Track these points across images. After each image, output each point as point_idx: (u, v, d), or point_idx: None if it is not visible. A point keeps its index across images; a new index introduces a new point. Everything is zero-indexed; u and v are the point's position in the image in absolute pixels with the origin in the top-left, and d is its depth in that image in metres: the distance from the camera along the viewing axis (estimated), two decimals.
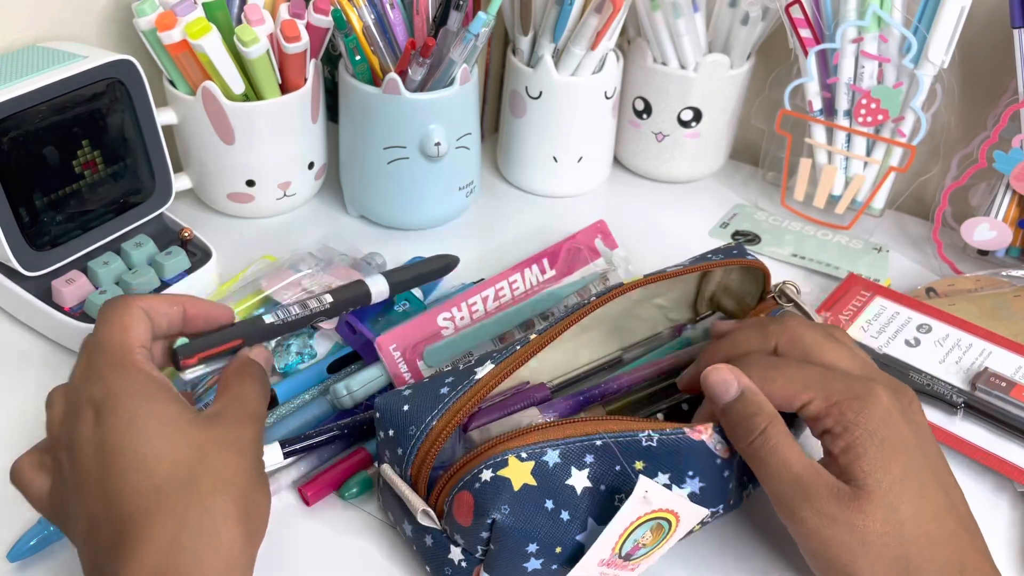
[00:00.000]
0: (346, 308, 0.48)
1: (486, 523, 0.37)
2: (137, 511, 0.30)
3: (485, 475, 0.37)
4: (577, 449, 0.38)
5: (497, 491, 0.37)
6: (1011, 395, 0.51)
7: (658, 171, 0.74)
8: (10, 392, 0.51)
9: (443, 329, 0.51)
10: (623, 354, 0.50)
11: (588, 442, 0.38)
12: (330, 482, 0.45)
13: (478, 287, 0.53)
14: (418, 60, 0.57)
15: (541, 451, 0.38)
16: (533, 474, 0.37)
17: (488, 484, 0.37)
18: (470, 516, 0.37)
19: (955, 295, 0.60)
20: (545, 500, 0.37)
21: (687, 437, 0.39)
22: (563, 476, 0.37)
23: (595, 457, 0.38)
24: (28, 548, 0.41)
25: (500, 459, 0.37)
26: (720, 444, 0.40)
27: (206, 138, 0.60)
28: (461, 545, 0.39)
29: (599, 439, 0.38)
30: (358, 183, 0.65)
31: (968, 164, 0.63)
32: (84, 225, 0.53)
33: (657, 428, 0.39)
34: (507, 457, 0.37)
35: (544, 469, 0.37)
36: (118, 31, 0.62)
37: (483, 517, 0.37)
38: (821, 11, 0.63)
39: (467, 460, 0.38)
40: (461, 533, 0.38)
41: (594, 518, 0.38)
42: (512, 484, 0.37)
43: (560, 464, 0.37)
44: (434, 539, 0.39)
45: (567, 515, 0.37)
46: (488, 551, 0.38)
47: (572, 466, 0.38)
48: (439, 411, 0.39)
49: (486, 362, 0.41)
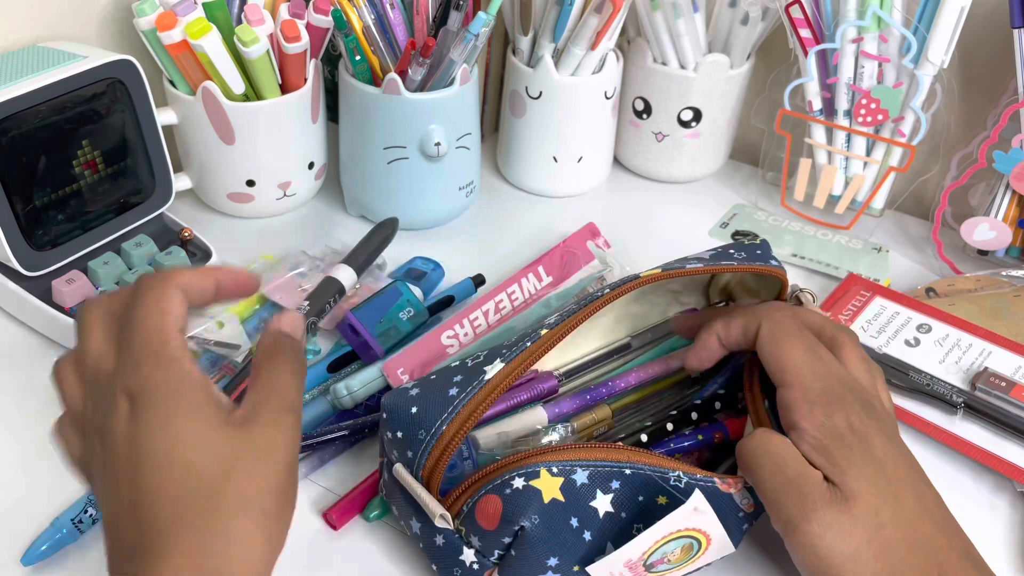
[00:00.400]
0: (326, 307, 0.50)
1: (512, 530, 0.37)
2: (159, 519, 0.30)
3: (517, 483, 0.37)
4: (605, 473, 0.38)
5: (528, 500, 0.37)
6: (1011, 395, 0.51)
7: (658, 171, 0.74)
8: (10, 392, 0.51)
9: (448, 347, 0.51)
10: (632, 340, 0.50)
11: (617, 468, 0.38)
12: (355, 505, 0.45)
13: (477, 302, 0.53)
14: (418, 60, 0.57)
15: (571, 469, 0.37)
16: (562, 490, 0.37)
17: (520, 492, 0.37)
18: (496, 521, 0.37)
19: (955, 295, 0.60)
20: (571, 517, 0.37)
21: (716, 488, 0.39)
22: (589, 497, 0.37)
23: (621, 484, 0.38)
24: (41, 552, 0.41)
25: (532, 470, 0.37)
26: (746, 500, 0.39)
27: (206, 138, 0.60)
28: (476, 547, 0.38)
29: (628, 468, 0.38)
30: (358, 183, 0.65)
31: (968, 164, 0.63)
32: (84, 225, 0.53)
33: (688, 472, 0.39)
34: (539, 469, 0.37)
35: (572, 487, 0.37)
36: (118, 31, 0.62)
37: (510, 524, 0.37)
38: (821, 11, 0.63)
39: (494, 468, 0.38)
40: (480, 536, 0.38)
41: (613, 543, 0.38)
42: (543, 496, 0.37)
43: (587, 485, 0.37)
44: (446, 539, 0.39)
45: (589, 535, 0.37)
46: (506, 556, 0.38)
47: (598, 489, 0.38)
48: (449, 415, 0.39)
49: (495, 360, 0.41)
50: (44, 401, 0.50)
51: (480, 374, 0.40)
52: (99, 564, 0.41)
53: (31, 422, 0.49)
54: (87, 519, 0.42)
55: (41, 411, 0.49)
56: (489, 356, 0.41)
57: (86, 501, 0.42)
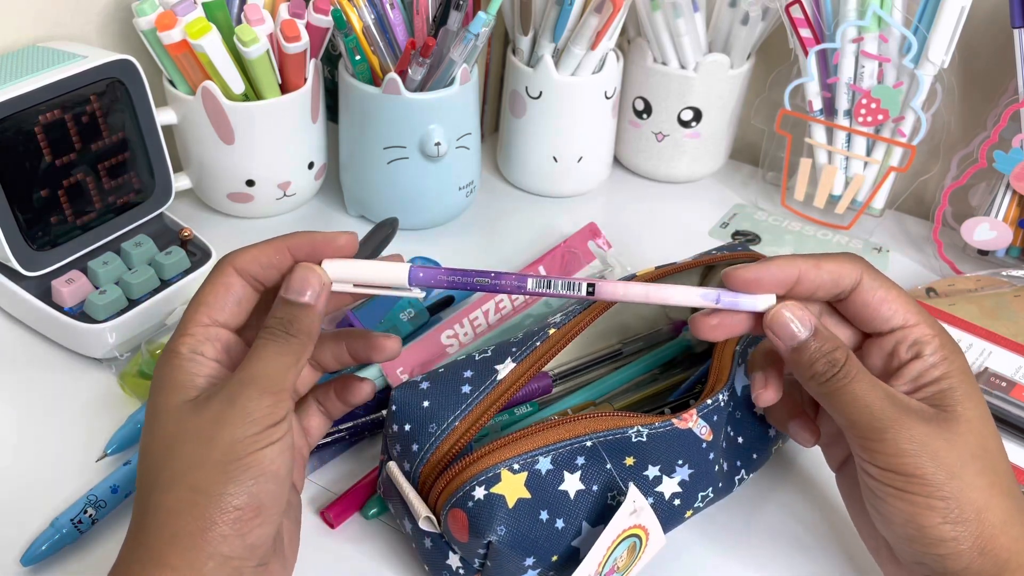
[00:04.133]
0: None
1: (483, 543, 0.37)
2: (137, 493, 0.33)
3: (478, 493, 0.36)
4: (568, 453, 0.38)
5: (492, 511, 0.36)
6: (1011, 395, 0.51)
7: (658, 171, 0.74)
8: (10, 392, 0.51)
9: (447, 347, 0.51)
10: (623, 347, 0.50)
11: (578, 444, 0.38)
12: (352, 503, 0.45)
13: (477, 302, 0.53)
14: (418, 60, 0.57)
15: (533, 460, 0.37)
16: (527, 486, 0.37)
17: (482, 503, 0.36)
18: (466, 534, 0.37)
19: (955, 295, 0.60)
20: (540, 511, 0.37)
21: (675, 428, 0.39)
22: (556, 482, 0.37)
23: (586, 458, 0.38)
24: (41, 552, 0.41)
25: (492, 473, 0.37)
26: (705, 428, 0.40)
27: (206, 138, 0.60)
28: (459, 554, 0.38)
29: (589, 440, 0.38)
30: (358, 183, 0.65)
31: (968, 164, 0.63)
32: (84, 225, 0.53)
33: (646, 423, 0.39)
34: (499, 471, 0.37)
35: (538, 478, 0.37)
36: (118, 31, 0.62)
37: (479, 537, 0.36)
38: (821, 11, 0.63)
39: (459, 470, 0.37)
40: (458, 545, 0.38)
41: (588, 521, 0.38)
42: (507, 501, 0.36)
43: (553, 470, 0.37)
44: (433, 543, 0.39)
45: (562, 523, 0.37)
46: (484, 566, 0.38)
47: (564, 471, 0.37)
48: (462, 412, 0.39)
49: (506, 359, 0.40)
50: (44, 401, 0.50)
51: (492, 373, 0.40)
52: (99, 564, 0.41)
53: (31, 422, 0.49)
54: (86, 519, 0.42)
55: (41, 411, 0.50)
56: (498, 353, 0.41)
57: (85, 501, 0.42)
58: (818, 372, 0.36)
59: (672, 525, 0.40)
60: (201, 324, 0.35)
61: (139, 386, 0.49)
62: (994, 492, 0.35)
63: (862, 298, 0.37)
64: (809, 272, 0.37)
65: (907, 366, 0.37)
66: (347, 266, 0.36)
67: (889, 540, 0.37)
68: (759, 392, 0.39)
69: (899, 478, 0.35)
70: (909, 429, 0.35)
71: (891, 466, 0.35)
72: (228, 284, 0.35)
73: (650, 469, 0.39)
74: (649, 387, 0.48)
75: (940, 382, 0.36)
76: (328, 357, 0.39)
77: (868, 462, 0.36)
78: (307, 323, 0.34)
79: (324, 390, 0.40)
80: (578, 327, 0.42)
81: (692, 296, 0.36)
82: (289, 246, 0.36)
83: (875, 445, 0.35)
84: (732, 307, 0.36)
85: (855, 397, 0.35)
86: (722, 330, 0.37)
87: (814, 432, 0.41)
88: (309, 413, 0.40)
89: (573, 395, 0.47)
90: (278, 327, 0.34)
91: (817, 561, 0.44)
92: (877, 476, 0.35)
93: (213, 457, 0.32)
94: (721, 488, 0.42)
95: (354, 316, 0.51)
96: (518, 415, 0.45)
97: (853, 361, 0.36)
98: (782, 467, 0.48)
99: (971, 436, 0.35)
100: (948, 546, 0.34)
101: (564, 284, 0.36)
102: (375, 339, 0.38)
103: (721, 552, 0.44)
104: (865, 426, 0.35)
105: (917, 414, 0.35)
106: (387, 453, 0.41)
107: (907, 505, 0.35)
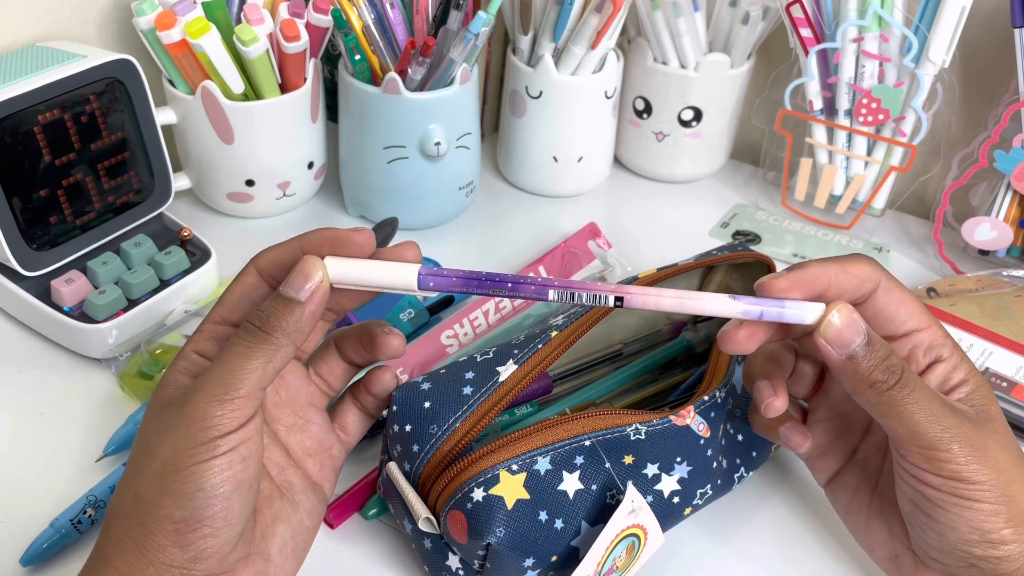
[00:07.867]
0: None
1: (482, 544, 0.36)
2: None
3: (477, 494, 0.36)
4: (566, 452, 0.38)
5: (491, 512, 0.36)
6: (1011, 395, 0.51)
7: (658, 171, 0.74)
8: (10, 392, 0.51)
9: (447, 347, 0.50)
10: (623, 347, 0.50)
11: (577, 443, 0.38)
12: (352, 503, 0.45)
13: (477, 302, 0.53)
14: (418, 60, 0.57)
15: (532, 460, 0.37)
16: (526, 486, 0.37)
17: (481, 505, 0.36)
18: (465, 536, 0.37)
19: (956, 295, 0.60)
20: (539, 512, 0.37)
21: (673, 425, 0.39)
22: (555, 482, 0.37)
23: (585, 458, 0.38)
24: (40, 552, 0.41)
25: (491, 475, 0.36)
26: (702, 424, 0.40)
27: (206, 138, 0.60)
28: (459, 555, 0.38)
29: (587, 439, 0.38)
30: (358, 183, 0.65)
31: (969, 164, 0.63)
32: (83, 225, 0.53)
33: (644, 420, 0.39)
34: (498, 472, 0.36)
35: (537, 479, 0.37)
36: (118, 31, 0.62)
37: (478, 539, 0.36)
38: (821, 10, 0.63)
39: (457, 471, 0.37)
40: (458, 547, 0.38)
41: (587, 520, 0.37)
42: (505, 502, 0.36)
43: (551, 471, 0.37)
44: (433, 544, 0.39)
45: (561, 523, 0.37)
46: (484, 567, 0.38)
47: (563, 470, 0.37)
48: (463, 413, 0.38)
49: (508, 360, 0.40)
50: (43, 401, 0.50)
51: (494, 375, 0.40)
52: None
53: (30, 422, 0.49)
54: (86, 519, 0.41)
55: (40, 411, 0.49)
56: (499, 354, 0.41)
57: (85, 501, 0.42)
58: (878, 381, 0.34)
59: (672, 523, 0.40)
60: (212, 323, 0.35)
61: (138, 386, 0.49)
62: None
63: (881, 301, 0.36)
64: (839, 276, 0.35)
65: (931, 369, 0.36)
66: (351, 265, 0.34)
67: (934, 547, 0.36)
68: (770, 401, 0.38)
69: (964, 486, 0.34)
70: (970, 435, 0.34)
71: (957, 474, 0.34)
72: (248, 284, 0.35)
73: (649, 467, 0.39)
74: (649, 387, 0.48)
75: (967, 384, 0.36)
76: (352, 352, 0.39)
77: (930, 472, 0.34)
78: (290, 320, 0.32)
79: (355, 386, 0.40)
80: (581, 330, 0.41)
81: (729, 307, 0.34)
82: (304, 244, 0.35)
83: (941, 455, 0.34)
84: (776, 319, 0.34)
85: (918, 406, 0.34)
86: (754, 341, 0.35)
87: (806, 435, 0.40)
88: (345, 410, 0.40)
89: (573, 395, 0.47)
90: (254, 321, 0.32)
91: (817, 560, 0.44)
92: (939, 485, 0.34)
93: (153, 467, 0.31)
94: (720, 485, 0.42)
95: (353, 315, 0.51)
96: (518, 415, 0.45)
97: (909, 367, 0.35)
98: (782, 465, 0.48)
99: (1007, 436, 0.35)
100: (1008, 548, 0.34)
101: (589, 296, 0.33)
102: (379, 336, 0.38)
103: (721, 551, 0.44)
104: (930, 436, 0.34)
105: (971, 419, 0.35)
106: (387, 453, 0.41)
107: (972, 512, 0.34)
